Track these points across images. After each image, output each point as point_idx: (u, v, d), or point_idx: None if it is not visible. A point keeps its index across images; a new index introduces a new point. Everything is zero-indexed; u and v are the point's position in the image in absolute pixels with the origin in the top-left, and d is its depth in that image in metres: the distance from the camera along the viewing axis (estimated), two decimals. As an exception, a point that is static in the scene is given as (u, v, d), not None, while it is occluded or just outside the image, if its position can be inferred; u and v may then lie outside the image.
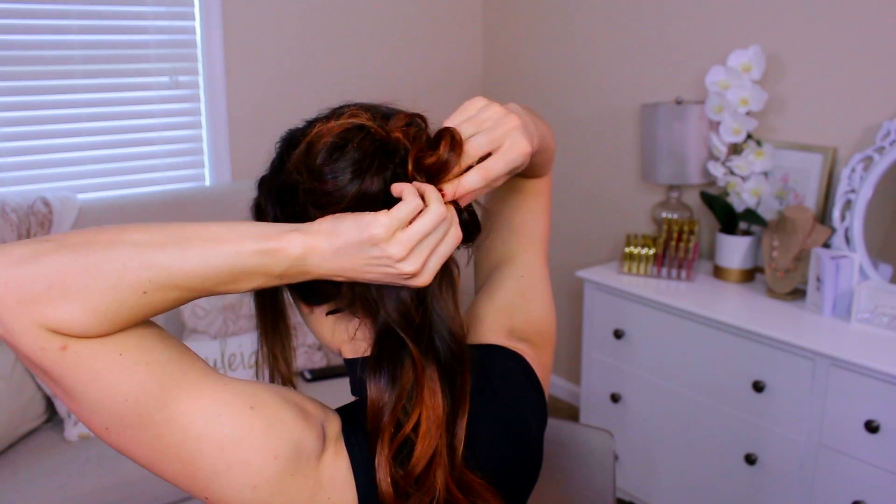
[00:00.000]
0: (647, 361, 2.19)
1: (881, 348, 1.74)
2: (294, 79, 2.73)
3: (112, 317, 0.57)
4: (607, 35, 2.66)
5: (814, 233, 2.03)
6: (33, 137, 2.33)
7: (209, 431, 0.60)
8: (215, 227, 0.61)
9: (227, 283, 0.61)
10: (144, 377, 0.59)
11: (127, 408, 0.58)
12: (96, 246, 0.57)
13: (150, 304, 0.58)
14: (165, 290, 0.58)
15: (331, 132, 0.66)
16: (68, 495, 1.80)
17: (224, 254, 0.59)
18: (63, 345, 0.56)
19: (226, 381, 0.63)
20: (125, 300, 0.57)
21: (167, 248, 0.58)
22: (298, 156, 0.67)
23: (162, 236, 0.59)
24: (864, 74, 2.01)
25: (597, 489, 1.23)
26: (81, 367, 0.57)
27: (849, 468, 1.75)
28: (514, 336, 0.86)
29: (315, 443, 0.65)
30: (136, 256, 0.57)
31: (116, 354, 0.58)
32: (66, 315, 0.55)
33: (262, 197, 0.74)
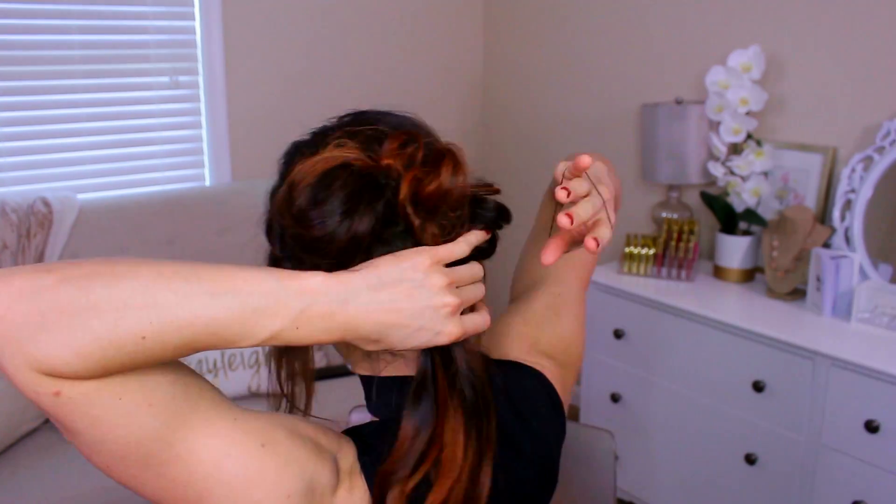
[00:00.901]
0: (647, 361, 2.19)
1: (881, 348, 1.74)
2: (294, 79, 2.73)
3: (107, 363, 0.52)
4: (607, 35, 2.66)
5: (814, 233, 2.03)
6: (33, 137, 2.33)
7: (218, 472, 0.57)
8: (230, 265, 0.57)
9: (236, 328, 0.55)
10: (147, 420, 0.55)
11: (129, 450, 0.55)
12: (98, 281, 0.52)
13: (150, 351, 0.53)
14: (168, 334, 0.53)
15: (312, 173, 0.63)
16: (68, 495, 1.80)
17: (234, 289, 0.55)
18: (56, 390, 0.52)
19: (236, 416, 0.59)
20: (123, 345, 0.52)
21: (172, 282, 0.53)
22: (281, 201, 0.64)
23: (168, 269, 0.54)
24: (864, 74, 2.01)
25: (597, 489, 1.23)
26: (78, 413, 0.53)
27: (849, 468, 1.75)
28: (538, 350, 0.84)
29: (328, 478, 0.62)
30: (140, 293, 0.52)
31: (115, 399, 0.54)
32: (58, 360, 0.51)
33: (271, 213, 0.72)
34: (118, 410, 0.54)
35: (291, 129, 2.11)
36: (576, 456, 1.23)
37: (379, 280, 0.59)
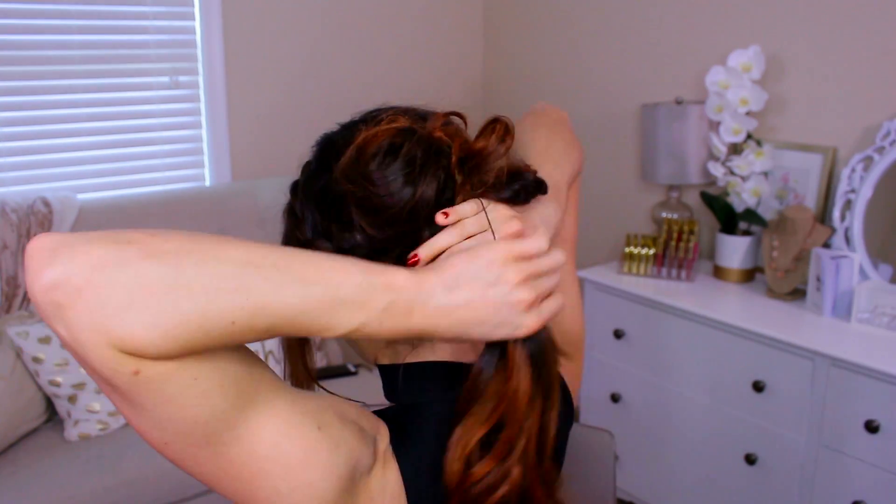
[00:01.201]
0: (647, 361, 2.19)
1: (881, 348, 1.74)
2: (294, 79, 2.73)
3: (193, 344, 0.51)
4: (607, 35, 2.66)
5: (814, 233, 2.03)
6: (33, 137, 2.33)
7: (277, 452, 0.58)
8: (318, 255, 0.57)
9: (324, 319, 0.55)
10: (218, 400, 0.55)
11: (195, 428, 0.55)
12: (188, 259, 0.50)
13: (237, 335, 0.53)
14: (256, 320, 0.52)
15: (378, 137, 0.65)
16: (68, 495, 1.80)
17: (325, 279, 0.55)
18: (136, 369, 0.50)
19: (294, 398, 0.60)
20: (211, 329, 0.51)
21: (263, 269, 0.53)
22: (348, 162, 0.65)
23: (258, 256, 0.53)
24: (864, 74, 2.01)
25: (597, 489, 1.23)
26: (153, 391, 0.52)
27: (849, 468, 1.75)
28: None
29: (368, 460, 0.64)
30: (233, 277, 0.51)
31: (191, 379, 0.53)
32: (144, 340, 0.49)
33: (299, 202, 0.72)
34: (193, 391, 0.53)
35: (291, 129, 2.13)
36: (576, 456, 1.23)
37: (455, 280, 0.60)
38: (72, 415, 1.98)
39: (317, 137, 0.75)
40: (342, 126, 0.74)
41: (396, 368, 0.73)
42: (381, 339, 0.60)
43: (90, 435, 1.98)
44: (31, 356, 1.96)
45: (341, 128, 0.74)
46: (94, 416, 1.99)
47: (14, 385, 1.95)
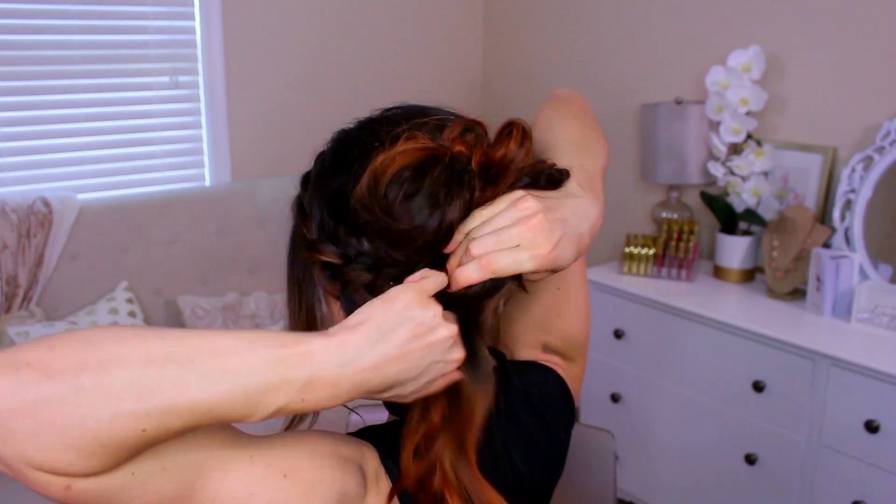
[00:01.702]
0: (647, 361, 2.19)
1: (881, 348, 1.74)
2: (294, 79, 2.73)
3: (111, 458, 0.50)
4: (607, 35, 2.66)
5: (814, 233, 2.03)
6: (33, 137, 2.33)
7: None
8: (222, 338, 0.53)
9: (238, 409, 0.53)
10: (164, 484, 0.53)
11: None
12: (85, 372, 0.49)
13: (152, 440, 0.51)
14: (168, 423, 0.51)
15: (396, 162, 0.60)
16: (68, 495, 1.80)
17: (234, 369, 0.52)
18: (66, 485, 0.50)
19: (252, 453, 0.58)
20: (124, 440, 0.49)
21: (166, 368, 0.50)
22: (365, 191, 0.60)
23: (160, 352, 0.51)
24: (864, 74, 2.01)
25: (597, 489, 1.23)
26: (93, 499, 0.51)
27: (849, 468, 1.75)
28: (548, 350, 0.86)
29: (357, 488, 0.62)
30: (132, 384, 0.49)
31: (128, 475, 0.52)
32: (62, 462, 0.48)
33: (308, 196, 0.70)
34: (133, 484, 0.52)
35: (291, 129, 2.13)
36: (576, 456, 1.23)
37: (379, 331, 0.56)
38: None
39: (333, 132, 0.72)
40: (360, 123, 0.72)
41: None
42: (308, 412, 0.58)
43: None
44: (31, 356, 1.96)
45: (359, 125, 0.71)
46: (94, 416, 1.98)
47: (14, 385, 1.94)
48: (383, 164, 0.60)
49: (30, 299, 2.13)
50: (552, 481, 0.82)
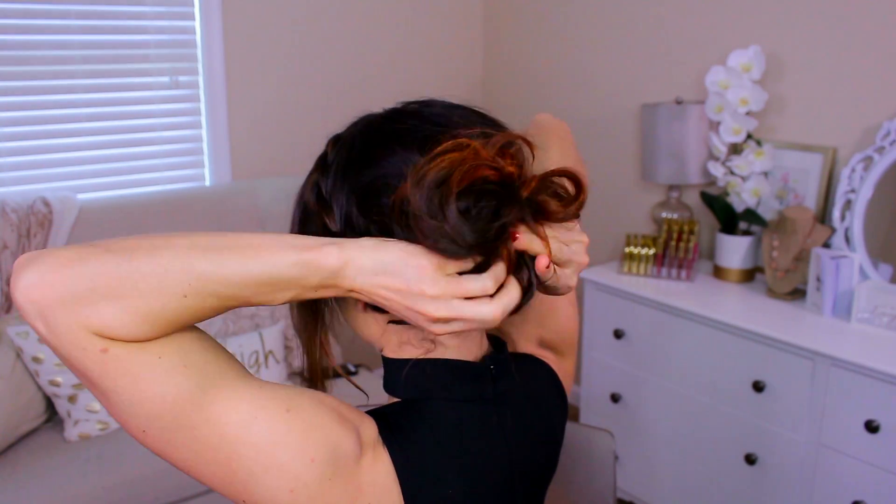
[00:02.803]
0: (647, 361, 2.19)
1: (881, 348, 1.74)
2: (294, 79, 2.73)
3: (153, 320, 0.57)
4: (607, 35, 2.66)
5: (814, 233, 2.03)
6: (33, 137, 2.33)
7: (245, 434, 0.60)
8: (257, 237, 0.61)
9: (265, 293, 0.60)
10: (182, 379, 0.59)
11: (165, 409, 0.58)
12: (140, 251, 0.58)
13: (191, 309, 0.59)
14: (205, 296, 0.59)
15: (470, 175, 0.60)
16: (68, 495, 1.80)
17: (262, 261, 0.59)
18: (104, 347, 0.57)
19: (262, 384, 0.63)
20: (166, 304, 0.57)
21: (208, 254, 0.59)
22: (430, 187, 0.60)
23: (204, 242, 0.59)
24: (864, 74, 2.01)
25: (597, 489, 1.23)
26: (121, 370, 0.58)
27: (849, 468, 1.75)
28: (543, 345, 0.89)
29: (352, 447, 0.64)
30: (178, 261, 0.58)
31: (156, 357, 0.58)
32: (109, 317, 0.56)
33: (330, 183, 0.71)
34: (157, 368, 0.58)
35: (291, 129, 2.13)
36: (576, 456, 1.23)
37: (383, 267, 0.61)
38: (72, 415, 1.98)
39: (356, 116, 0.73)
40: (388, 114, 0.71)
41: (401, 362, 0.74)
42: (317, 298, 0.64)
43: (90, 435, 1.98)
44: (31, 356, 1.96)
45: (387, 116, 0.71)
46: (93, 415, 1.99)
47: (14, 385, 1.95)
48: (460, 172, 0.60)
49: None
50: (548, 473, 0.84)
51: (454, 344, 0.73)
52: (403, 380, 0.73)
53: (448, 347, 0.73)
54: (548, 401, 0.84)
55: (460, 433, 0.71)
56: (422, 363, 0.73)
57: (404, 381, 0.73)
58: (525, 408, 0.79)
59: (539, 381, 0.84)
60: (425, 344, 0.73)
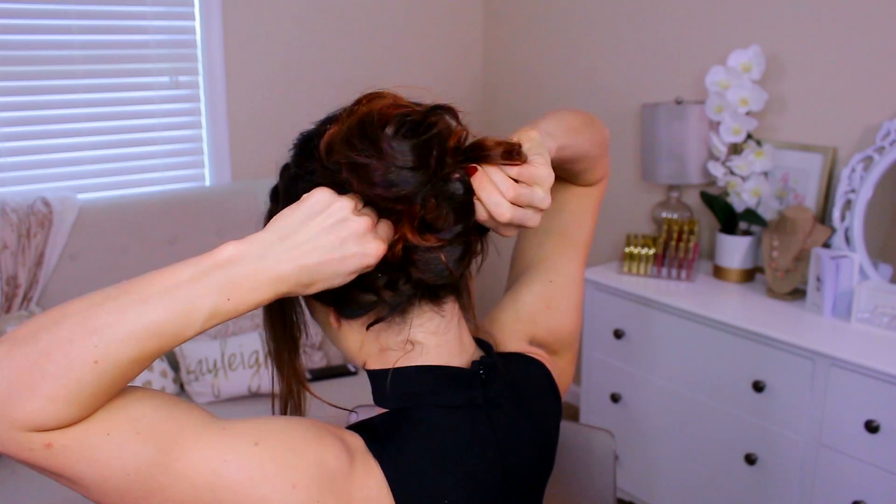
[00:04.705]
0: (647, 361, 2.19)
1: (881, 348, 1.74)
2: (294, 79, 2.73)
3: (76, 399, 0.54)
4: (607, 35, 2.66)
5: (814, 233, 2.03)
6: (33, 137, 2.33)
7: (218, 479, 0.58)
8: (153, 272, 0.59)
9: (173, 322, 0.57)
10: (139, 448, 0.57)
11: (130, 481, 0.57)
12: (41, 331, 0.55)
13: (108, 373, 0.55)
14: (116, 352, 0.55)
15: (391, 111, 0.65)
16: (68, 495, 1.79)
17: (161, 289, 0.57)
18: (47, 442, 0.55)
19: (223, 425, 0.61)
20: (81, 377, 0.54)
21: (105, 305, 0.56)
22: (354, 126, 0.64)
23: (100, 297, 0.57)
24: (864, 74, 2.01)
25: (597, 489, 1.23)
26: (73, 458, 0.56)
27: (849, 468, 1.75)
28: (534, 343, 0.87)
29: (338, 460, 0.63)
30: (78, 326, 0.55)
31: (104, 435, 0.56)
32: (34, 412, 0.53)
33: (281, 207, 0.71)
34: (110, 445, 0.56)
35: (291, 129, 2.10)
36: (576, 456, 1.23)
37: (287, 227, 0.60)
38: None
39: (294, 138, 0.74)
40: (320, 123, 0.73)
41: (384, 373, 0.73)
42: (241, 314, 0.61)
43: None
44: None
45: (319, 125, 0.73)
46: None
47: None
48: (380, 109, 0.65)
49: (30, 299, 2.13)
50: (542, 475, 0.82)
51: (433, 343, 0.73)
52: (390, 388, 0.72)
53: (427, 347, 0.73)
54: (541, 401, 0.82)
55: (451, 440, 0.70)
56: (407, 370, 0.72)
57: (391, 389, 0.72)
58: (517, 411, 0.77)
59: (531, 381, 0.83)
60: (405, 346, 0.72)
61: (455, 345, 0.74)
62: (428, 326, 0.72)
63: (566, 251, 0.89)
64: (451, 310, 0.74)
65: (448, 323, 0.73)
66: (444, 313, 0.73)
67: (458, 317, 0.75)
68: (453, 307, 0.74)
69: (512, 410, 0.77)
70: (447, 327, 0.73)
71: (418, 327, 0.72)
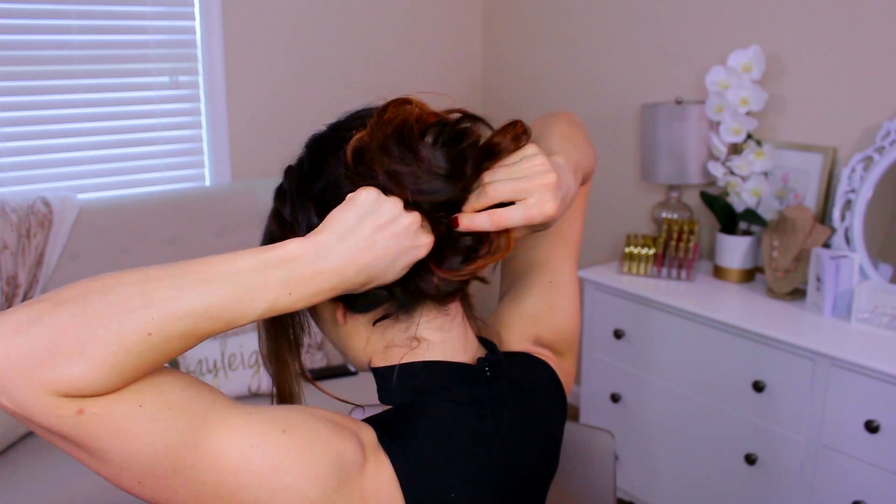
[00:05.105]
0: (647, 361, 2.19)
1: (881, 348, 1.74)
2: (294, 79, 2.73)
3: (122, 368, 0.54)
4: (607, 35, 2.66)
5: (814, 233, 2.03)
6: (33, 137, 2.33)
7: (245, 463, 0.58)
8: (212, 256, 0.59)
9: (233, 307, 0.58)
10: (169, 423, 0.56)
11: (157, 457, 0.56)
12: (93, 294, 0.54)
13: (158, 346, 0.55)
14: (171, 327, 0.55)
15: (428, 118, 0.68)
16: (68, 495, 1.80)
17: (223, 272, 0.57)
18: (79, 408, 0.53)
19: (251, 411, 0.61)
20: (132, 347, 0.54)
21: (164, 280, 0.56)
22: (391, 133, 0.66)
23: (158, 272, 0.57)
24: (864, 74, 2.01)
25: (597, 489, 1.23)
26: (102, 428, 0.54)
27: (849, 468, 1.75)
28: (539, 343, 0.87)
29: (354, 454, 0.63)
30: (136, 296, 0.54)
31: (136, 406, 0.55)
32: (76, 376, 0.52)
33: (289, 207, 0.72)
34: (141, 417, 0.55)
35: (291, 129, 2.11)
36: (576, 456, 1.23)
37: (343, 227, 0.62)
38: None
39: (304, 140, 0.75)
40: (330, 127, 0.74)
41: (390, 370, 0.73)
42: (300, 308, 0.63)
43: (90, 435, 1.98)
44: (31, 356, 1.96)
45: (330, 128, 0.74)
46: (94, 416, 1.98)
47: (14, 385, 1.95)
48: (417, 116, 0.67)
49: (30, 299, 2.13)
50: (547, 474, 0.83)
51: (438, 340, 0.73)
52: (396, 384, 0.73)
53: (433, 344, 0.73)
54: (546, 401, 0.83)
55: (457, 436, 0.71)
56: (414, 366, 0.73)
57: (397, 385, 0.73)
58: (521, 409, 0.78)
59: (537, 381, 0.83)
60: (410, 342, 0.73)
61: (459, 342, 0.75)
62: (433, 323, 0.73)
63: (560, 251, 0.91)
64: (455, 308, 0.75)
65: (452, 321, 0.74)
66: (448, 311, 0.74)
67: (461, 315, 0.76)
68: (457, 306, 0.76)
69: (517, 409, 0.77)
70: (451, 325, 0.74)
71: (424, 324, 0.73)
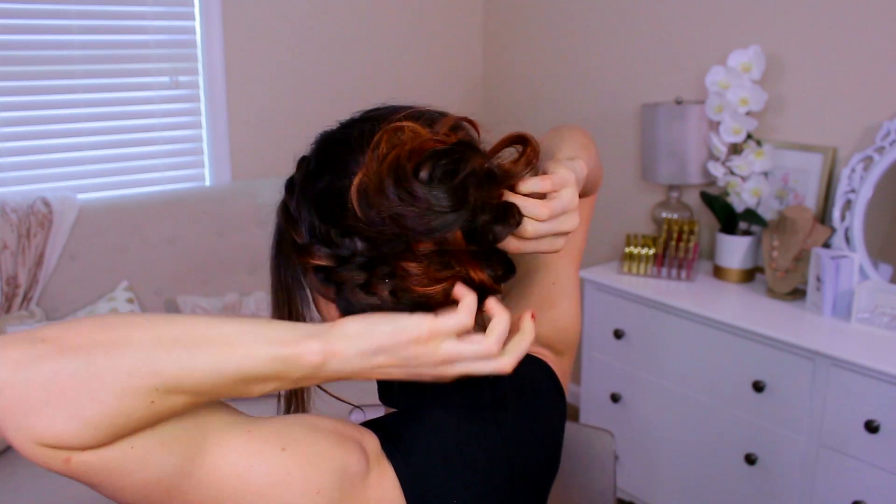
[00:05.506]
0: (647, 361, 2.19)
1: (881, 348, 1.74)
2: (294, 79, 2.73)
3: (118, 430, 0.52)
4: (607, 35, 2.66)
5: (814, 233, 2.03)
6: (33, 137, 2.33)
7: (245, 484, 0.57)
8: (228, 327, 0.57)
9: (239, 389, 0.57)
10: (163, 458, 0.55)
11: (151, 489, 0.55)
12: (97, 351, 0.51)
13: (158, 413, 0.53)
14: (174, 398, 0.54)
15: (424, 148, 0.61)
16: (68, 495, 1.80)
17: (236, 359, 0.55)
18: (66, 458, 0.51)
19: (249, 428, 0.60)
20: (132, 413, 0.52)
21: (175, 351, 0.54)
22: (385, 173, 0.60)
23: (169, 335, 0.54)
24: (864, 74, 2.01)
25: (597, 489, 1.23)
26: (92, 473, 0.53)
27: (849, 468, 1.75)
28: (539, 342, 0.87)
29: (358, 465, 0.63)
30: (143, 363, 0.52)
31: (128, 449, 0.53)
32: (65, 433, 0.50)
33: (295, 201, 0.71)
34: (132, 458, 0.54)
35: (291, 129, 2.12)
36: (576, 456, 1.23)
37: (376, 350, 0.60)
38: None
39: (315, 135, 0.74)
40: (342, 125, 0.72)
41: None
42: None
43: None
44: (31, 356, 1.96)
45: (341, 126, 0.72)
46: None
47: (14, 385, 1.94)
48: (412, 148, 0.61)
49: (30, 299, 2.13)
50: (549, 475, 0.83)
51: None
52: (398, 388, 0.72)
53: None
54: (547, 402, 0.83)
55: (459, 441, 0.71)
56: None
57: (398, 389, 0.72)
58: (524, 411, 0.78)
59: (537, 382, 0.83)
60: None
61: None
62: None
63: (565, 254, 0.91)
64: None
65: None
66: None
67: None
68: None
69: (518, 411, 0.77)
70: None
71: None
